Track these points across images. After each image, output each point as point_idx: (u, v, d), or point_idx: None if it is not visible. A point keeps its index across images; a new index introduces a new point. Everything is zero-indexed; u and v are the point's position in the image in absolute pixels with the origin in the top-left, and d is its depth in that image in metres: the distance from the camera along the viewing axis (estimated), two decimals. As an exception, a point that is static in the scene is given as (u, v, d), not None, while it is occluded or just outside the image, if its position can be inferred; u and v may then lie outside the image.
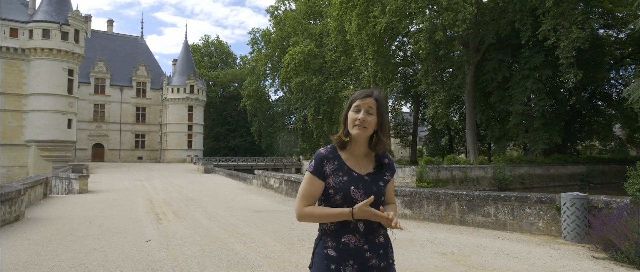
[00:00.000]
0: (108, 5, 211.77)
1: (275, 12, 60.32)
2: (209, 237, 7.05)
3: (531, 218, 7.23)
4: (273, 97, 69.21)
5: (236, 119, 69.33)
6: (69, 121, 37.19)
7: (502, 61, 33.02)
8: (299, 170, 55.17)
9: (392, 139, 54.45)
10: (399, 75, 46.55)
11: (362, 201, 1.87)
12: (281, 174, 14.42)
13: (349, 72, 47.62)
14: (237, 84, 71.34)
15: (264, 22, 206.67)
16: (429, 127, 52.49)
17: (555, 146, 34.02)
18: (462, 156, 50.18)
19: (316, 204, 1.99)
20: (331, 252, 1.91)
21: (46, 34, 35.64)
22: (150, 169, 35.18)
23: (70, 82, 37.24)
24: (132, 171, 32.10)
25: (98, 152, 54.86)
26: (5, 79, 35.01)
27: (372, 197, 1.85)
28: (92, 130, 54.50)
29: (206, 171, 32.16)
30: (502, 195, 7.58)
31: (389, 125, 2.09)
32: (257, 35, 68.47)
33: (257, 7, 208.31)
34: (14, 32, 35.33)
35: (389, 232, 2.07)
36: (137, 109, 58.25)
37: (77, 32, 37.43)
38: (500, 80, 32.52)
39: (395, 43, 42.03)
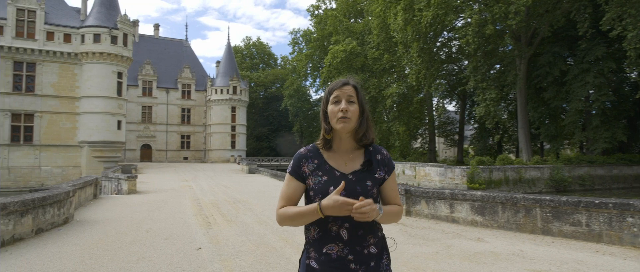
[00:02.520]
0: (155, 12, 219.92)
1: (316, 12, 59.94)
2: (263, 245, 6.45)
3: (634, 229, 6.16)
4: (314, 96, 68.90)
5: (278, 119, 69.58)
6: (119, 122, 38.21)
7: (557, 55, 30.97)
8: (341, 170, 54.39)
9: (436, 139, 52.87)
10: (444, 72, 44.89)
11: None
12: (330, 176, 13.75)
13: (392, 70, 46.45)
14: (278, 85, 71.60)
15: (304, 23, 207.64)
16: (475, 125, 50.48)
17: (618, 144, 31.55)
18: (511, 155, 47.91)
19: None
20: (313, 263, 1.78)
21: (97, 38, 36.76)
22: (196, 169, 35.52)
23: (119, 84, 38.26)
24: (178, 171, 32.47)
25: (146, 153, 56.40)
26: (60, 82, 36.39)
27: (342, 184, 1.66)
28: (140, 131, 56.08)
29: (250, 171, 32.06)
30: (597, 201, 6.54)
31: (369, 115, 1.91)
32: (298, 35, 68.43)
33: (298, 8, 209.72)
34: (67, 38, 36.66)
35: (389, 241, 1.90)
36: (183, 110, 59.47)
37: (125, 36, 38.41)
38: (557, 75, 30.49)
39: (440, 39, 40.55)
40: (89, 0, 40.10)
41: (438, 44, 40.16)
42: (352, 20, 57.46)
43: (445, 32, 39.80)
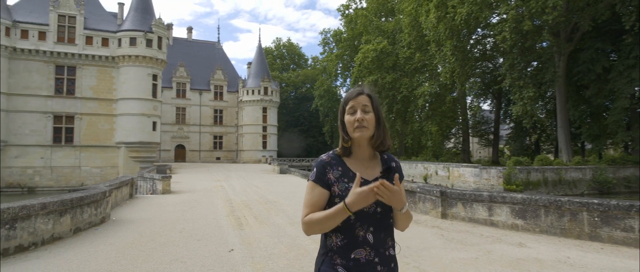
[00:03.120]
0: (189, 15, 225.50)
1: (346, 11, 59.69)
2: (296, 248, 6.34)
3: (694, 236, 5.70)
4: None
5: (309, 119, 69.71)
6: (154, 124, 39.15)
7: (600, 50, 29.58)
8: (372, 171, 53.92)
9: (470, 139, 51.60)
10: (478, 70, 43.77)
11: (371, 209, 1.77)
12: (362, 176, 13.54)
13: (424, 69, 45.66)
14: (308, 85, 71.74)
15: (334, 24, 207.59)
16: (511, 125, 49.00)
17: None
18: (550, 156, 46.25)
19: None
20: (341, 270, 1.78)
21: (133, 42, 37.80)
22: (228, 170, 35.95)
23: (154, 86, 39.20)
24: (211, 171, 32.94)
25: (180, 153, 57.64)
26: (98, 85, 37.65)
27: (358, 176, 1.69)
28: (174, 132, 57.35)
29: (281, 172, 32.17)
30: (651, 205, 6.09)
31: (385, 122, 1.94)
32: (328, 35, 68.37)
33: (328, 9, 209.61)
34: (105, 42, 37.88)
35: (397, 247, 1.95)
36: (215, 111, 60.45)
37: (160, 39, 39.34)
38: (600, 72, 29.12)
39: (474, 36, 39.54)
40: (125, 5, 41.31)
41: (472, 41, 39.18)
42: (383, 19, 56.87)
43: (479, 29, 38.83)
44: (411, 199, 10.22)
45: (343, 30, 62.52)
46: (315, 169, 1.88)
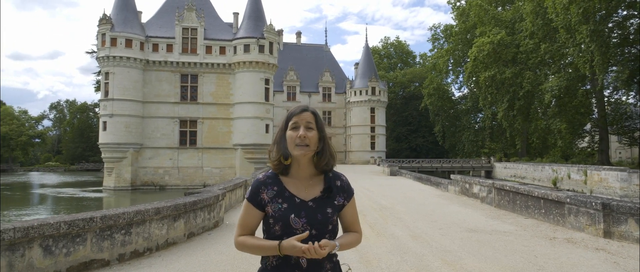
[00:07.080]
0: (300, 22, 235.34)
1: (458, 3, 56.30)
2: (424, 270, 5.29)
3: None
4: (456, 94, 64.81)
5: (417, 119, 67.33)
6: (266, 126, 40.64)
7: None
8: (489, 173, 50.01)
9: (609, 137, 44.90)
10: (620, 58, 37.75)
11: (303, 230, 1.73)
12: (490, 181, 11.85)
13: (550, 60, 40.81)
14: (417, 84, 69.21)
15: (444, 19, 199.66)
16: (663, 120, 41.62)
17: None
18: None
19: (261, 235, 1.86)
20: None
21: (246, 48, 39.69)
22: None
23: (266, 90, 40.71)
24: (320, 173, 33.00)
25: (291, 154, 59.42)
26: (217, 91, 40.24)
27: (306, 233, 1.70)
28: (285, 134, 59.28)
29: (392, 173, 30.98)
30: None
31: (329, 140, 1.90)
32: (438, 31, 65.21)
33: (437, 5, 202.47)
34: (222, 50, 40.36)
35: (343, 267, 1.89)
36: (323, 113, 61.16)
37: (271, 44, 40.74)
38: None
39: (614, 18, 34.21)
40: (239, 14, 43.55)
41: (610, 24, 33.99)
42: (500, 8, 52.41)
43: (619, 10, 33.64)
44: (558, 212, 8.46)
45: (454, 23, 59.14)
46: (250, 188, 1.84)
